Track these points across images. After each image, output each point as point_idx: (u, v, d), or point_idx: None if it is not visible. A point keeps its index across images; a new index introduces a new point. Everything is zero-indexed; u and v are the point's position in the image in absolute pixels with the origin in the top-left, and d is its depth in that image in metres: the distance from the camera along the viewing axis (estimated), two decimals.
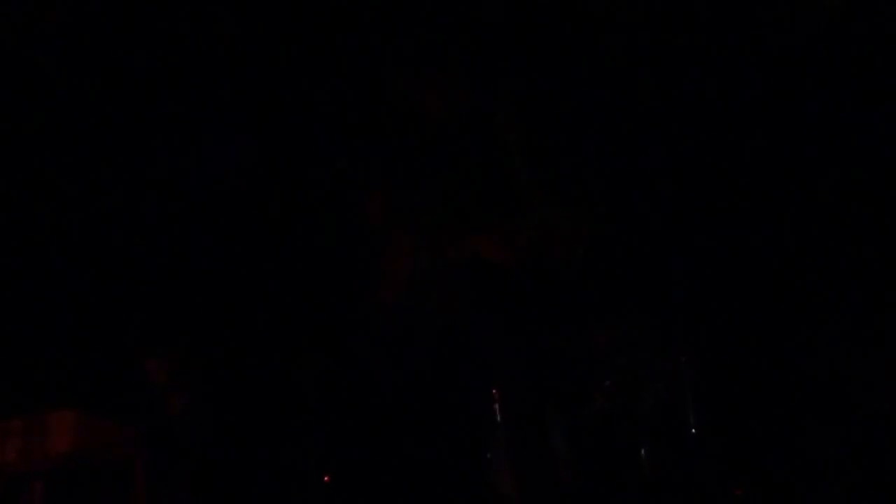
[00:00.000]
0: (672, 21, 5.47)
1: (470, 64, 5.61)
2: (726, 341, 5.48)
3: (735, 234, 5.51)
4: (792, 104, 5.51)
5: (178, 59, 5.82)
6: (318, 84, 5.82)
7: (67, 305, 5.61)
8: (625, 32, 5.53)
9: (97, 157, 5.70)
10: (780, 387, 5.40)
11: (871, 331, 5.18)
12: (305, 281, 5.96)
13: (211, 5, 5.75)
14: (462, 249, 4.86)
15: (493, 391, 5.55)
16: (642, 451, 5.31)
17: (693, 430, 5.27)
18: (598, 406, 5.47)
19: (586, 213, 5.36)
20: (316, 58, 5.84)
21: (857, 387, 5.23)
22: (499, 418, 5.52)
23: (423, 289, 4.68)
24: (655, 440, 5.33)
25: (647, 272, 5.55)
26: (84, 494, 5.25)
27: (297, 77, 5.87)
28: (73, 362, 5.50)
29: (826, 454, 5.24)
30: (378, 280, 5.52)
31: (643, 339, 5.47)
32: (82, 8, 5.65)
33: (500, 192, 5.39)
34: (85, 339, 5.63)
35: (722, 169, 5.68)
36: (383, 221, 5.56)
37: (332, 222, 5.84)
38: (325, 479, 5.61)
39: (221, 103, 5.90)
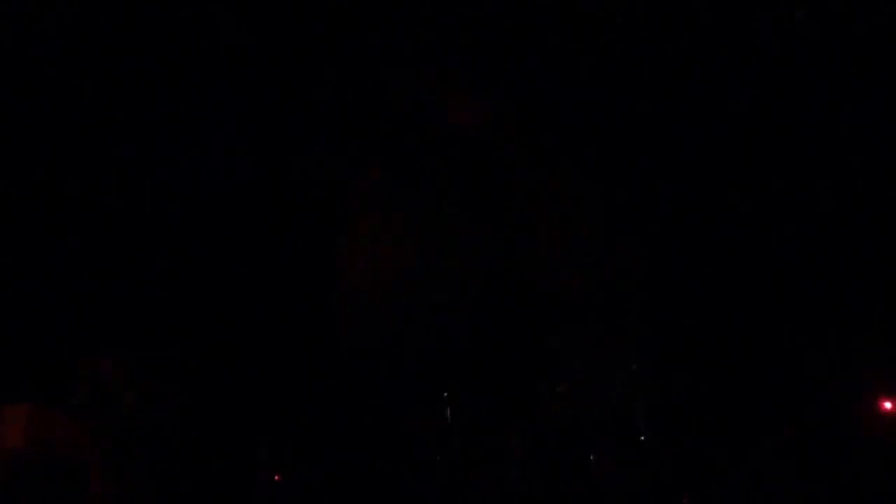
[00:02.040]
0: (671, 22, 5.42)
1: (470, 66, 5.59)
2: (676, 351, 5.48)
3: (690, 248, 5.50)
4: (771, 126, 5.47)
5: (179, 58, 5.81)
6: (318, 85, 5.80)
7: (24, 301, 5.64)
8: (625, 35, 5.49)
9: (60, 156, 5.71)
10: (728, 396, 5.41)
11: (820, 342, 5.18)
12: (267, 283, 5.97)
13: (211, 6, 5.74)
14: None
15: (445, 394, 5.57)
16: (592, 457, 5.33)
17: (642, 437, 5.30)
18: (551, 410, 5.49)
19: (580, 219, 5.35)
20: (315, 58, 5.81)
21: (807, 397, 5.24)
22: (450, 421, 5.55)
23: (408, 288, 4.65)
24: (606, 446, 5.34)
25: (603, 282, 5.54)
26: (37, 489, 5.26)
27: (297, 77, 5.85)
28: (28, 357, 5.53)
29: (773, 463, 5.25)
30: (352, 280, 5.53)
31: (596, 347, 5.47)
32: (83, 8, 5.64)
33: (500, 196, 5.36)
34: (41, 335, 5.66)
35: (691, 183, 5.66)
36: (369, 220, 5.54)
37: (303, 224, 5.83)
38: (276, 478, 5.65)
39: (219, 103, 5.90)
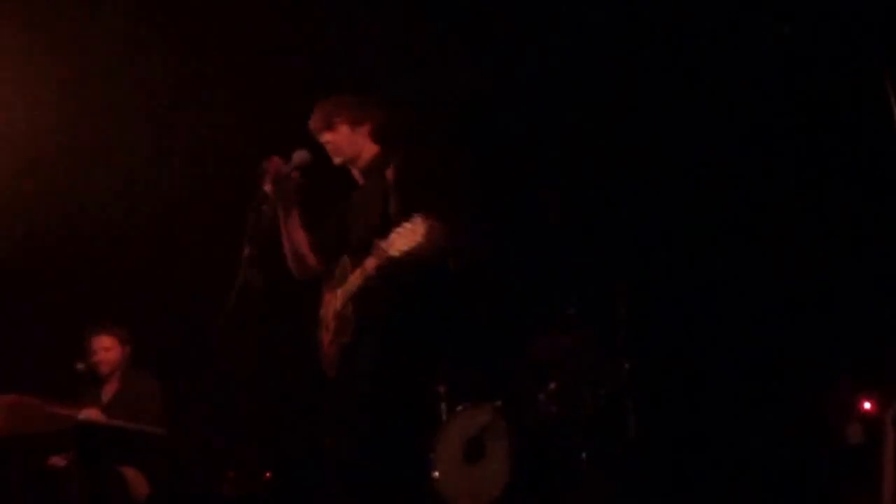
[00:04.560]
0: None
1: None
2: (666, 349, 5.59)
3: (674, 246, 5.66)
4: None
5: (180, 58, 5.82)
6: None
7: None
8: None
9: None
10: (717, 394, 5.53)
11: (805, 342, 5.35)
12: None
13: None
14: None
15: (441, 389, 5.57)
16: (583, 455, 5.33)
17: (632, 435, 5.33)
18: (541, 409, 5.50)
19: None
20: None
21: (794, 395, 5.37)
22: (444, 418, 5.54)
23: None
24: (595, 444, 5.36)
25: (592, 280, 5.65)
26: (15, 476, 5.14)
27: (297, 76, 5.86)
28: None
29: (761, 460, 5.36)
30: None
31: (587, 345, 5.54)
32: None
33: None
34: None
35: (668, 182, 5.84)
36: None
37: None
38: (267, 475, 5.55)
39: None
